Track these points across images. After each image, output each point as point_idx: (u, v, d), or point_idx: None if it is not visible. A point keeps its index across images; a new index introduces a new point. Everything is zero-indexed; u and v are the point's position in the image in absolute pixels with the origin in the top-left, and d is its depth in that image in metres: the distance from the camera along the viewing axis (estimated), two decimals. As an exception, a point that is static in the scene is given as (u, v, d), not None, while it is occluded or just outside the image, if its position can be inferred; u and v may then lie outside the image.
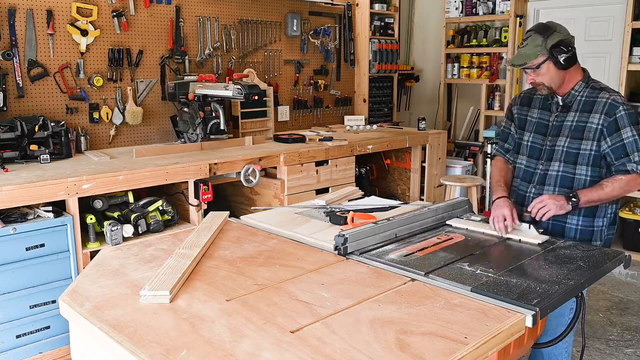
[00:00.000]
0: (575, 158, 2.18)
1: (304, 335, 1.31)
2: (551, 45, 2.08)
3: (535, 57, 2.10)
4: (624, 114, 2.09)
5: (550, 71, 2.12)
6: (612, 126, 2.10)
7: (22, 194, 2.52)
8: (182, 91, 3.62)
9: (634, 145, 2.09)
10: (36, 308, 2.63)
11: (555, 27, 2.12)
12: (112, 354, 1.35)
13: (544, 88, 2.18)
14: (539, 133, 2.29)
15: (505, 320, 1.38)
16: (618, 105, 2.10)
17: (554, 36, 2.08)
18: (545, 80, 2.15)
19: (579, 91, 2.19)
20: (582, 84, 2.19)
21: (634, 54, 4.23)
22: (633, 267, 4.18)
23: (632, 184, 2.11)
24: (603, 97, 2.14)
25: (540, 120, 2.30)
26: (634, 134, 2.09)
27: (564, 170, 2.20)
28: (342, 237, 1.87)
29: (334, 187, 3.79)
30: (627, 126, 2.09)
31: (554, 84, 2.16)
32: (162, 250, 1.98)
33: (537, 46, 2.09)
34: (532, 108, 2.34)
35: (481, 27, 5.58)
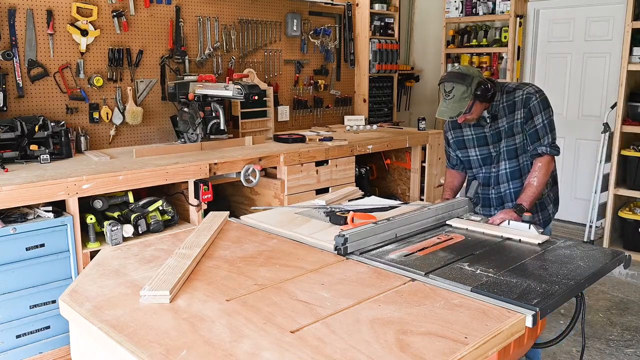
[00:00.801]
0: (515, 152, 2.46)
1: (304, 335, 1.31)
2: (474, 90, 2.32)
3: (466, 104, 2.34)
4: (536, 103, 2.38)
5: (478, 107, 2.40)
6: (527, 115, 2.39)
7: (22, 194, 2.52)
8: (182, 91, 3.62)
9: (544, 129, 2.37)
10: (36, 308, 2.63)
11: (469, 71, 2.36)
12: (112, 354, 1.35)
13: (474, 120, 2.46)
14: (481, 145, 2.55)
15: (505, 320, 1.38)
16: (531, 95, 2.39)
17: (474, 80, 2.33)
18: (476, 114, 2.42)
19: (499, 101, 2.44)
20: (499, 95, 2.44)
21: (634, 54, 4.23)
22: (633, 267, 4.18)
23: (548, 166, 2.38)
24: (518, 95, 2.41)
25: (477, 135, 2.55)
26: (544, 119, 2.37)
27: (510, 166, 2.48)
28: (342, 237, 1.87)
29: (334, 187, 3.79)
30: (538, 112, 2.37)
31: (481, 113, 2.45)
32: (162, 250, 1.98)
33: (463, 94, 2.32)
34: (464, 128, 2.58)
35: (481, 27, 5.58)
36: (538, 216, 2.53)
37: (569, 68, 5.19)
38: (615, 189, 4.44)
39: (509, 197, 2.52)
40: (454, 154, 2.68)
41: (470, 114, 2.40)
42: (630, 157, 4.37)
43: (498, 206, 2.55)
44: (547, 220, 2.56)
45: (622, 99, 4.33)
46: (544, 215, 2.55)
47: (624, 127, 4.35)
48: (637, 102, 4.39)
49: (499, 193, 2.55)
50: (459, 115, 2.36)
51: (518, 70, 5.32)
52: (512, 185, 2.50)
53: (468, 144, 2.59)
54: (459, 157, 2.66)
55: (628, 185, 4.44)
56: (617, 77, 4.51)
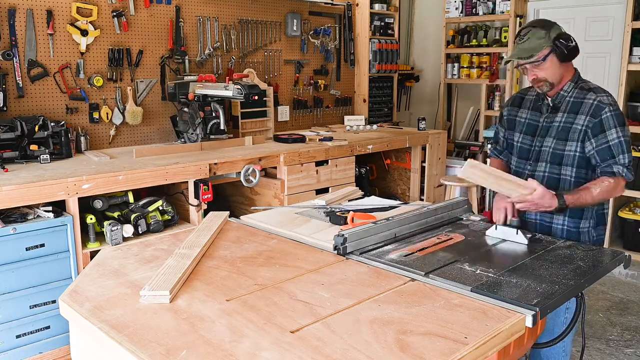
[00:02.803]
0: (561, 159, 2.18)
1: (304, 335, 1.31)
2: (554, 36, 2.07)
3: (541, 49, 2.08)
4: (609, 115, 2.08)
5: (554, 64, 2.11)
6: (597, 127, 2.09)
7: (22, 194, 2.52)
8: (182, 91, 3.62)
9: (619, 147, 2.08)
10: (36, 308, 2.63)
11: (552, 22, 2.13)
12: (112, 354, 1.35)
13: (545, 84, 2.16)
14: (528, 134, 2.30)
15: (505, 320, 1.38)
16: (604, 106, 2.09)
17: (555, 28, 2.10)
18: (548, 75, 2.13)
19: (568, 92, 2.18)
20: (570, 84, 2.18)
21: (634, 54, 4.23)
22: (633, 267, 4.18)
23: (617, 188, 2.11)
24: (590, 98, 2.13)
25: (530, 121, 2.30)
26: (619, 136, 2.08)
27: (550, 171, 2.22)
28: (341, 237, 1.87)
29: (334, 187, 3.79)
30: (612, 127, 2.08)
31: (555, 79, 2.15)
32: (162, 250, 1.98)
33: (540, 38, 2.08)
34: (523, 109, 2.34)
35: (481, 27, 5.58)
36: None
37: (569, 68, 5.19)
38: (615, 189, 4.44)
39: None
40: (503, 135, 2.42)
41: (544, 70, 2.11)
42: (630, 157, 4.36)
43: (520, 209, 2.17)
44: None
45: (622, 99, 4.33)
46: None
47: (624, 127, 4.35)
48: (637, 102, 4.39)
49: None
50: (530, 57, 2.08)
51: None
52: None
53: (517, 126, 2.33)
54: (507, 139, 2.40)
55: (628, 185, 4.42)
56: (617, 77, 4.51)
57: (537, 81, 2.16)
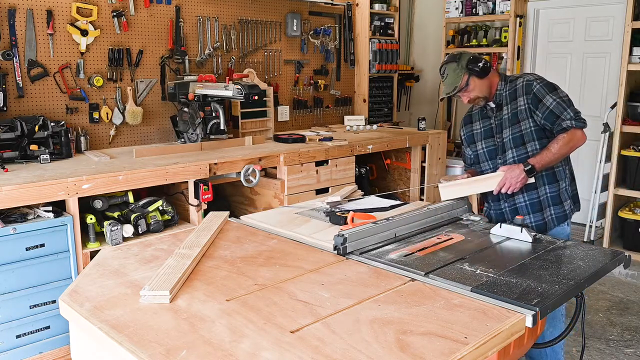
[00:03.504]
0: (522, 139, 2.42)
1: (304, 335, 1.31)
2: (465, 63, 2.39)
3: (460, 78, 2.39)
4: (539, 87, 2.36)
5: (477, 83, 2.41)
6: (534, 100, 2.36)
7: (22, 194, 2.52)
8: (182, 91, 3.62)
9: (560, 106, 2.32)
10: (36, 308, 2.63)
11: (459, 52, 2.45)
12: (112, 354, 1.35)
13: (480, 100, 2.47)
14: (487, 138, 2.55)
15: (505, 320, 1.38)
16: (532, 82, 2.38)
17: (464, 57, 2.41)
18: (477, 92, 2.43)
19: (502, 89, 2.47)
20: (501, 83, 2.47)
21: (634, 54, 4.23)
22: (633, 267, 4.18)
23: (574, 138, 2.32)
24: (519, 82, 2.42)
25: (484, 128, 2.56)
26: (555, 98, 2.33)
27: (518, 154, 2.43)
28: (341, 237, 1.87)
29: (334, 187, 3.79)
30: (546, 94, 2.34)
31: (485, 92, 2.45)
32: (162, 250, 1.98)
33: (455, 71, 2.40)
34: (474, 122, 2.61)
35: (481, 27, 5.58)
36: (550, 211, 2.44)
37: (569, 68, 5.19)
38: (615, 189, 4.44)
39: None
40: (467, 152, 2.67)
41: (472, 91, 2.42)
42: (630, 157, 4.37)
43: (507, 199, 2.47)
44: (561, 216, 2.45)
45: (622, 99, 4.33)
46: (558, 210, 2.44)
47: (624, 127, 4.35)
48: (637, 102, 4.39)
49: None
50: (454, 90, 2.40)
51: (518, 70, 5.32)
52: None
53: (476, 138, 2.59)
54: (471, 155, 2.64)
55: (628, 185, 4.44)
56: (617, 77, 4.51)
57: (472, 100, 2.48)
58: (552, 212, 2.45)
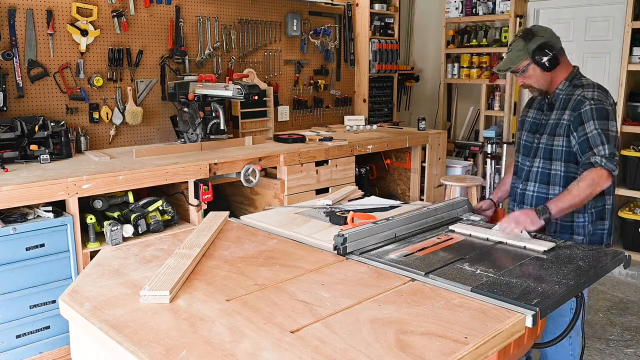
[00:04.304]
0: (551, 154, 2.26)
1: (304, 335, 1.31)
2: (533, 49, 2.18)
3: (519, 61, 2.20)
4: (588, 109, 2.14)
5: (537, 73, 2.22)
6: (576, 121, 2.16)
7: (22, 194, 2.52)
8: (182, 91, 3.62)
9: (597, 139, 2.11)
10: (36, 308, 2.63)
11: (537, 31, 2.21)
12: (112, 354, 1.35)
13: (534, 90, 2.29)
14: (530, 132, 2.39)
15: (505, 320, 1.38)
16: (585, 100, 2.16)
17: (535, 40, 2.18)
18: (533, 82, 2.25)
19: (562, 90, 2.26)
20: (565, 83, 2.26)
21: (634, 54, 4.23)
22: (633, 267, 4.18)
23: (598, 180, 2.09)
24: (577, 94, 2.20)
25: (533, 119, 2.39)
26: (597, 128, 2.11)
27: (543, 167, 2.30)
28: (341, 237, 1.87)
29: (334, 187, 3.79)
30: (590, 120, 2.13)
31: (542, 85, 2.26)
32: (162, 250, 1.98)
33: (519, 51, 2.20)
34: (532, 109, 2.43)
35: (481, 27, 5.58)
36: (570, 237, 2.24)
37: (569, 68, 5.19)
38: (616, 189, 4.43)
39: (530, 199, 2.33)
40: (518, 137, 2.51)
41: (528, 78, 2.24)
42: (630, 157, 4.37)
43: (519, 203, 2.38)
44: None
45: (622, 99, 4.33)
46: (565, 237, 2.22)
47: (624, 127, 4.36)
48: (637, 102, 4.39)
49: (524, 190, 2.36)
50: (508, 69, 2.24)
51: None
52: (536, 188, 2.31)
53: (524, 126, 2.43)
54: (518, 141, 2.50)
55: (628, 185, 4.44)
56: (617, 77, 4.51)
57: (525, 86, 2.29)
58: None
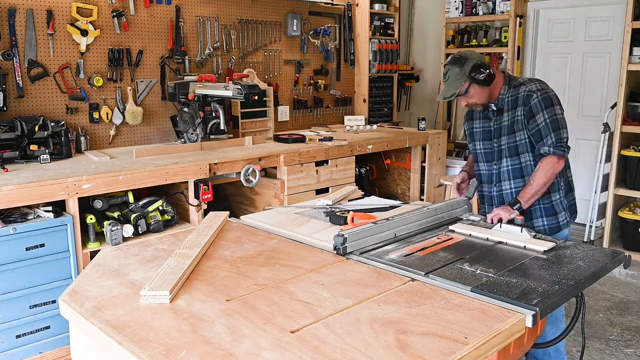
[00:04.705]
0: (516, 149, 2.40)
1: (304, 335, 1.31)
2: (468, 70, 2.32)
3: (460, 84, 2.34)
4: (536, 101, 2.31)
5: (477, 91, 2.36)
6: (528, 113, 2.33)
7: (22, 194, 2.52)
8: (182, 91, 3.62)
9: (547, 129, 2.29)
10: (36, 308, 2.63)
11: (466, 55, 2.37)
12: (112, 354, 1.35)
13: (478, 105, 2.44)
14: (485, 139, 2.53)
15: (505, 320, 1.38)
16: (532, 93, 2.33)
17: (468, 62, 2.33)
18: (476, 99, 2.39)
19: (505, 94, 2.41)
20: (504, 88, 2.42)
21: (634, 54, 4.23)
22: (633, 267, 4.18)
23: (550, 166, 2.29)
24: (522, 91, 2.36)
25: (483, 128, 2.53)
26: (546, 118, 2.29)
27: (512, 164, 2.43)
28: (341, 237, 1.87)
29: (334, 187, 3.79)
30: (540, 111, 2.30)
31: (484, 100, 2.40)
32: (162, 250, 1.98)
33: (457, 75, 2.34)
34: (475, 120, 2.58)
35: (481, 27, 5.58)
36: (542, 221, 2.41)
37: (569, 68, 5.19)
38: (615, 189, 4.44)
39: (510, 196, 2.44)
40: (470, 146, 2.65)
41: (471, 98, 2.38)
42: (630, 157, 4.37)
43: (499, 204, 2.45)
44: (554, 227, 2.42)
45: (622, 99, 4.33)
46: (551, 222, 2.42)
47: (624, 127, 4.35)
48: (637, 102, 4.39)
49: (500, 191, 2.48)
50: (452, 95, 2.36)
51: (518, 70, 5.32)
52: (513, 185, 2.45)
53: (476, 137, 2.57)
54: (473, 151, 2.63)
55: (628, 185, 4.44)
56: (617, 77, 4.50)
57: (470, 105, 2.45)
58: (545, 223, 2.42)
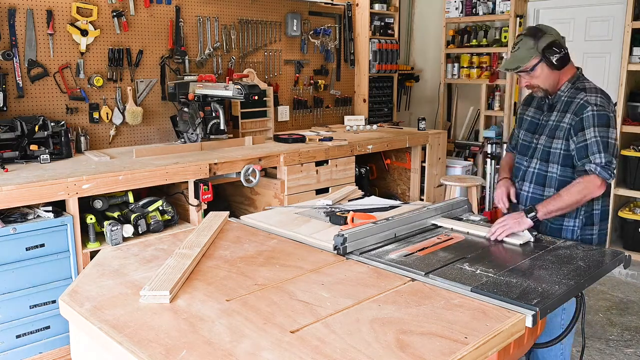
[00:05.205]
0: (548, 156, 2.23)
1: (304, 335, 1.31)
2: (543, 47, 2.11)
3: (529, 59, 2.13)
4: (590, 115, 2.09)
5: (544, 73, 2.15)
6: (578, 125, 2.12)
7: (22, 194, 2.52)
8: (182, 91, 3.62)
9: (595, 146, 2.08)
10: (36, 308, 2.63)
11: (546, 29, 2.15)
12: (112, 354, 1.35)
13: (540, 90, 2.21)
14: (529, 131, 2.35)
15: (505, 320, 1.38)
16: (588, 105, 2.11)
17: (545, 38, 2.11)
18: (540, 82, 2.18)
19: (564, 92, 2.21)
20: (567, 84, 2.21)
21: (634, 54, 4.23)
22: (633, 267, 4.18)
23: (590, 187, 2.07)
24: (580, 97, 2.15)
25: (532, 119, 2.35)
26: (596, 135, 2.08)
27: (539, 168, 2.27)
28: (341, 237, 1.87)
29: (334, 187, 3.79)
30: (591, 127, 2.09)
31: (548, 86, 2.19)
32: (162, 250, 1.98)
33: (529, 49, 2.12)
34: (531, 107, 2.38)
35: (481, 27, 5.58)
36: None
37: (569, 68, 5.19)
38: (615, 189, 4.44)
39: (525, 199, 2.32)
40: (515, 131, 2.48)
41: (535, 78, 2.17)
42: (630, 157, 4.37)
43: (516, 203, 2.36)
44: None
45: (622, 99, 4.33)
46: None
47: (624, 127, 4.35)
48: (637, 102, 4.39)
49: (520, 190, 2.35)
50: (517, 69, 2.15)
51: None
52: (531, 189, 2.29)
53: (523, 124, 2.39)
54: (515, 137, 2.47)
55: (628, 185, 4.44)
56: (617, 77, 4.50)
57: (530, 87, 2.23)
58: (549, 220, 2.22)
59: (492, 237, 2.01)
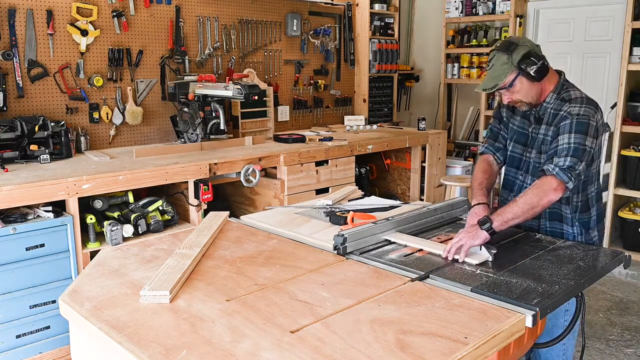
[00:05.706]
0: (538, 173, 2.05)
1: (304, 335, 1.31)
2: (518, 60, 1.98)
3: (505, 75, 1.99)
4: (569, 123, 1.97)
5: (525, 86, 2.02)
6: (556, 133, 2.02)
7: (22, 194, 2.52)
8: (182, 91, 3.62)
9: (565, 151, 1.94)
10: (36, 308, 2.63)
11: (517, 40, 2.03)
12: (112, 354, 1.35)
13: (523, 104, 2.09)
14: (518, 142, 2.23)
15: (505, 320, 1.38)
16: (569, 117, 1.98)
17: (519, 50, 1.98)
18: (522, 96, 2.05)
19: (550, 103, 2.09)
20: (552, 95, 2.09)
21: (634, 54, 4.23)
22: (633, 267, 4.18)
23: (545, 188, 1.90)
24: (565, 108, 2.02)
25: (519, 129, 2.22)
26: (570, 142, 1.94)
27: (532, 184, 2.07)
28: (341, 237, 1.87)
29: (334, 187, 3.79)
30: (566, 132, 1.96)
31: (531, 99, 2.07)
32: (162, 250, 1.98)
33: (503, 64, 1.99)
34: (515, 115, 2.25)
35: (481, 27, 5.58)
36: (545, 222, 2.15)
37: (569, 68, 5.19)
38: (615, 189, 4.44)
39: None
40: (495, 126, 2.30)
41: (515, 93, 2.04)
42: (630, 157, 4.37)
43: None
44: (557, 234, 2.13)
45: (622, 99, 4.33)
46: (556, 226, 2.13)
47: (624, 127, 4.35)
48: (637, 102, 4.39)
49: None
50: (494, 88, 2.00)
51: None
52: None
53: (510, 134, 2.24)
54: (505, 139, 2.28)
55: (628, 185, 4.44)
56: (617, 77, 4.50)
57: (513, 103, 2.10)
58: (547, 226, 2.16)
59: (450, 257, 1.81)
